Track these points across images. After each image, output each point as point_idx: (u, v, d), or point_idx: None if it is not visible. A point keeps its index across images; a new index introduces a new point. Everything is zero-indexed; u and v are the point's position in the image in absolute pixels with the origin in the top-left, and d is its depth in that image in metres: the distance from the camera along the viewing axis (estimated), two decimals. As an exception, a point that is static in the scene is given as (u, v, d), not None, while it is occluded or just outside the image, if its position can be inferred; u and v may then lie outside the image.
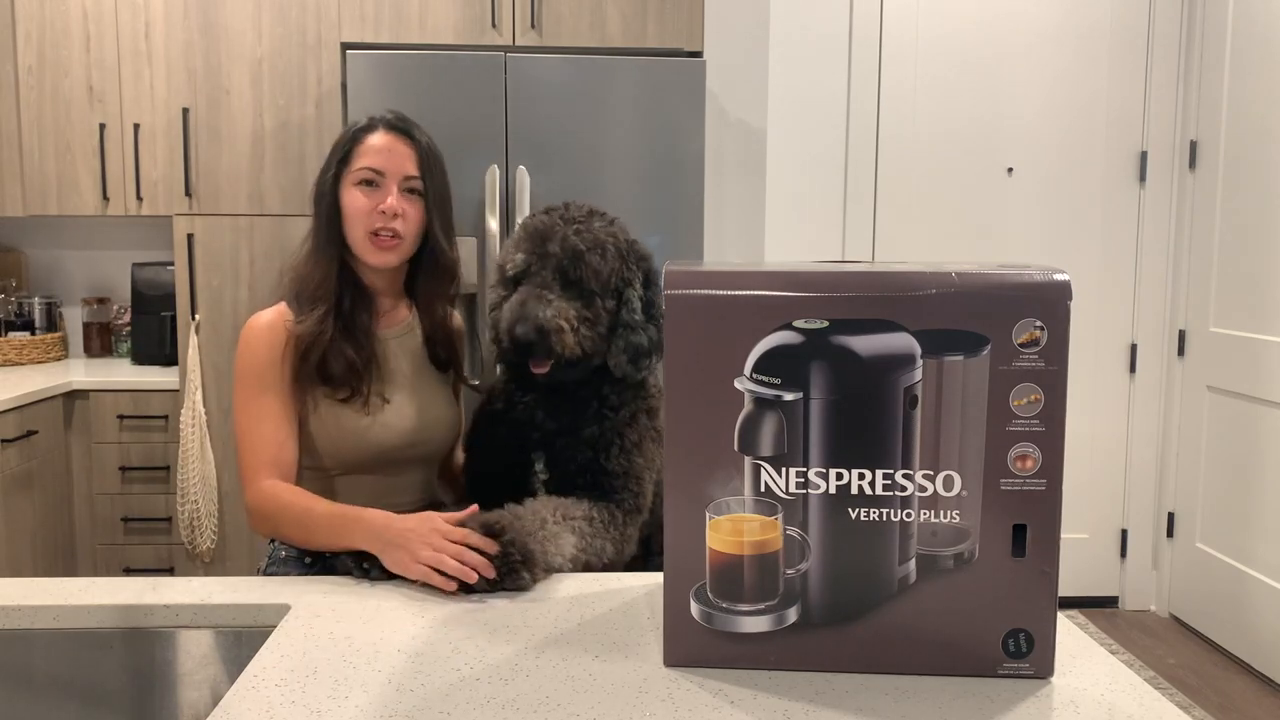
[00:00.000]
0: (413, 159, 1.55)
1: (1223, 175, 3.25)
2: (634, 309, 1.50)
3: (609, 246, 1.48)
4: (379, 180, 1.54)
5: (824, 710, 0.95)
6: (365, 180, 1.53)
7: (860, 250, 3.45)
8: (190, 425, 2.86)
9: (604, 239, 1.48)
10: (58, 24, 3.02)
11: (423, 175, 1.56)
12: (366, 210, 1.53)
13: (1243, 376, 3.12)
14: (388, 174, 1.54)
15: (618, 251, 1.50)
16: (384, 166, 1.54)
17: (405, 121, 1.59)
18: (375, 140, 1.55)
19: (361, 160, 1.54)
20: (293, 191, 2.84)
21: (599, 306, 1.47)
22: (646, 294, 1.53)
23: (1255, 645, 3.06)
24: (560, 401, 1.51)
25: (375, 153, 1.54)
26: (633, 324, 1.49)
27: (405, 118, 1.60)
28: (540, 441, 1.52)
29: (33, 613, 1.20)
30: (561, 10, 2.85)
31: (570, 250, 1.45)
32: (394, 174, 1.54)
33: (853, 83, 3.40)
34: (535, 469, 1.52)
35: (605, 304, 1.48)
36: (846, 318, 0.97)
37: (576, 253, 1.45)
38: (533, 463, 1.52)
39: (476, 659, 1.06)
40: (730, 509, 1.01)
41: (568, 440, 1.50)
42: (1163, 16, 3.41)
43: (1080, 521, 3.56)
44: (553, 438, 1.51)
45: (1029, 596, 1.00)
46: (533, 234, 1.48)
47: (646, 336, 1.50)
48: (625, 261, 1.51)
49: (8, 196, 3.09)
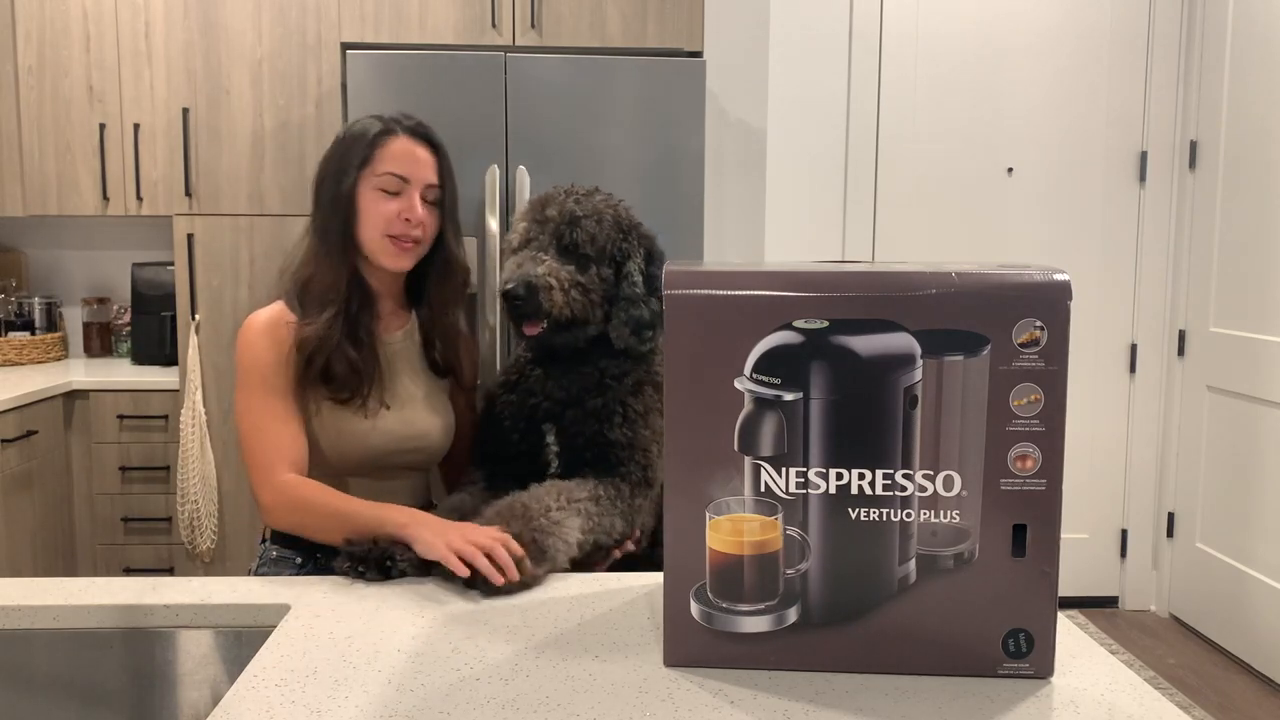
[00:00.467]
0: (433, 167, 1.56)
1: (1223, 175, 3.25)
2: (634, 282, 1.53)
3: (606, 216, 1.54)
4: (403, 188, 1.53)
5: (824, 710, 0.95)
6: (389, 186, 1.53)
7: (860, 250, 3.45)
8: (190, 425, 2.86)
9: (602, 209, 1.54)
10: (58, 24, 3.02)
11: (442, 183, 1.57)
12: (389, 216, 1.52)
13: (1243, 376, 3.12)
14: (411, 181, 1.54)
15: (615, 223, 1.54)
16: (408, 174, 1.53)
17: (424, 127, 1.59)
18: (398, 146, 1.54)
19: (385, 165, 1.53)
20: (293, 191, 2.84)
21: (593, 273, 1.51)
22: (649, 269, 1.56)
23: (1255, 645, 3.06)
24: (566, 371, 1.54)
25: (399, 159, 1.54)
26: (633, 297, 1.53)
27: (423, 123, 1.59)
28: (549, 412, 1.54)
29: (33, 613, 1.20)
30: (561, 10, 2.85)
31: (567, 215, 1.51)
32: (417, 181, 1.54)
33: (853, 83, 3.40)
34: (546, 441, 1.54)
35: (601, 271, 1.52)
36: (846, 318, 0.97)
37: (573, 218, 1.51)
38: (544, 435, 1.54)
39: (476, 659, 1.06)
40: (730, 509, 1.01)
41: (575, 411, 1.52)
42: (1163, 17, 3.41)
43: (1080, 521, 3.56)
44: (561, 409, 1.53)
45: (1029, 596, 1.00)
46: (535, 203, 1.57)
47: (648, 310, 1.52)
48: (625, 235, 1.56)
49: (8, 196, 3.09)
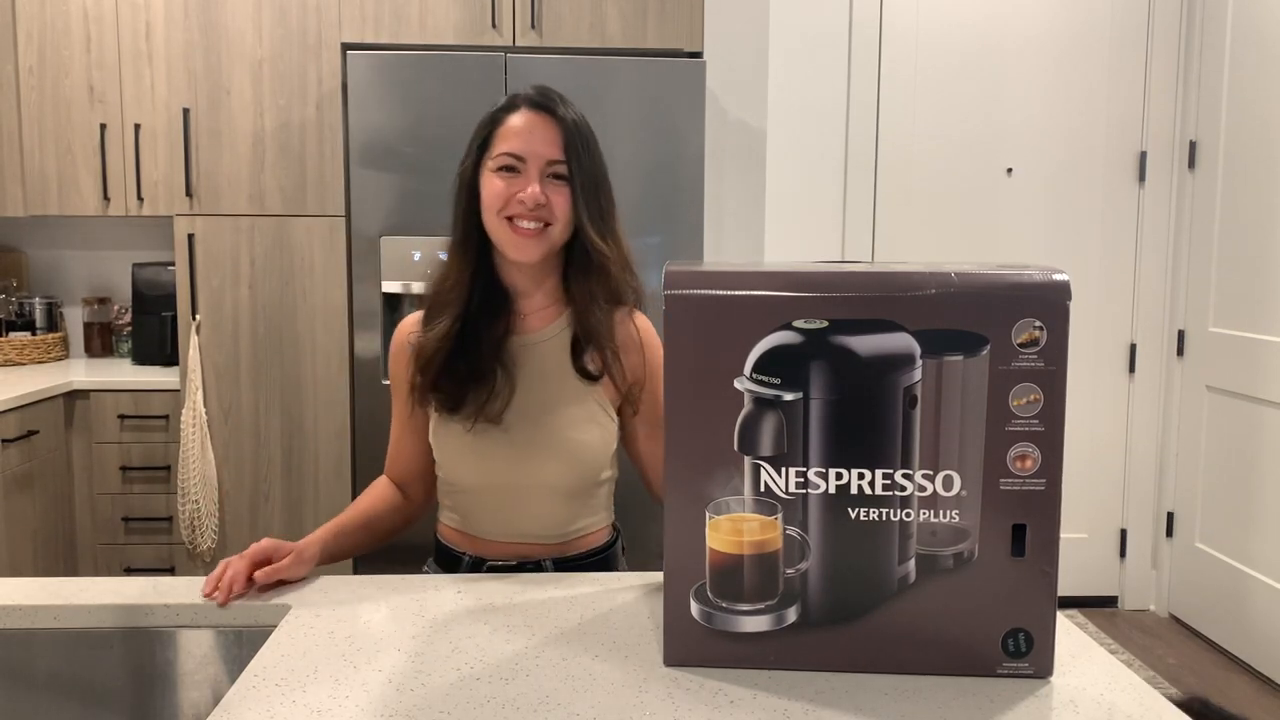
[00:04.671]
0: (557, 141, 1.38)
1: (1222, 175, 3.25)
2: None
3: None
4: (520, 166, 1.37)
5: (824, 710, 0.95)
6: (505, 167, 1.37)
7: (860, 250, 3.45)
8: (191, 425, 2.86)
9: None
10: (58, 24, 3.02)
11: (568, 158, 1.38)
12: (504, 197, 1.36)
13: (1242, 376, 3.12)
14: (529, 159, 1.37)
15: None
16: (524, 151, 1.37)
17: (548, 97, 1.41)
18: (515, 121, 1.39)
19: (501, 145, 1.38)
20: (293, 192, 2.84)
21: None
22: None
23: (1254, 645, 3.06)
24: None
25: (514, 136, 1.38)
26: None
27: (549, 92, 1.42)
28: None
29: (33, 613, 1.21)
30: (561, 10, 2.86)
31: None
32: (536, 158, 1.37)
33: (853, 83, 3.40)
34: None
35: None
36: (846, 318, 0.97)
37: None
38: None
39: (476, 659, 1.06)
40: (730, 509, 1.01)
41: None
42: (1162, 17, 3.41)
43: (1080, 521, 3.56)
44: None
45: (1028, 596, 1.00)
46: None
47: None
48: None
49: (8, 196, 3.09)
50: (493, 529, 1.44)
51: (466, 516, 1.46)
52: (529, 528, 1.43)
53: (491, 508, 1.44)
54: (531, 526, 1.43)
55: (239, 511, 2.92)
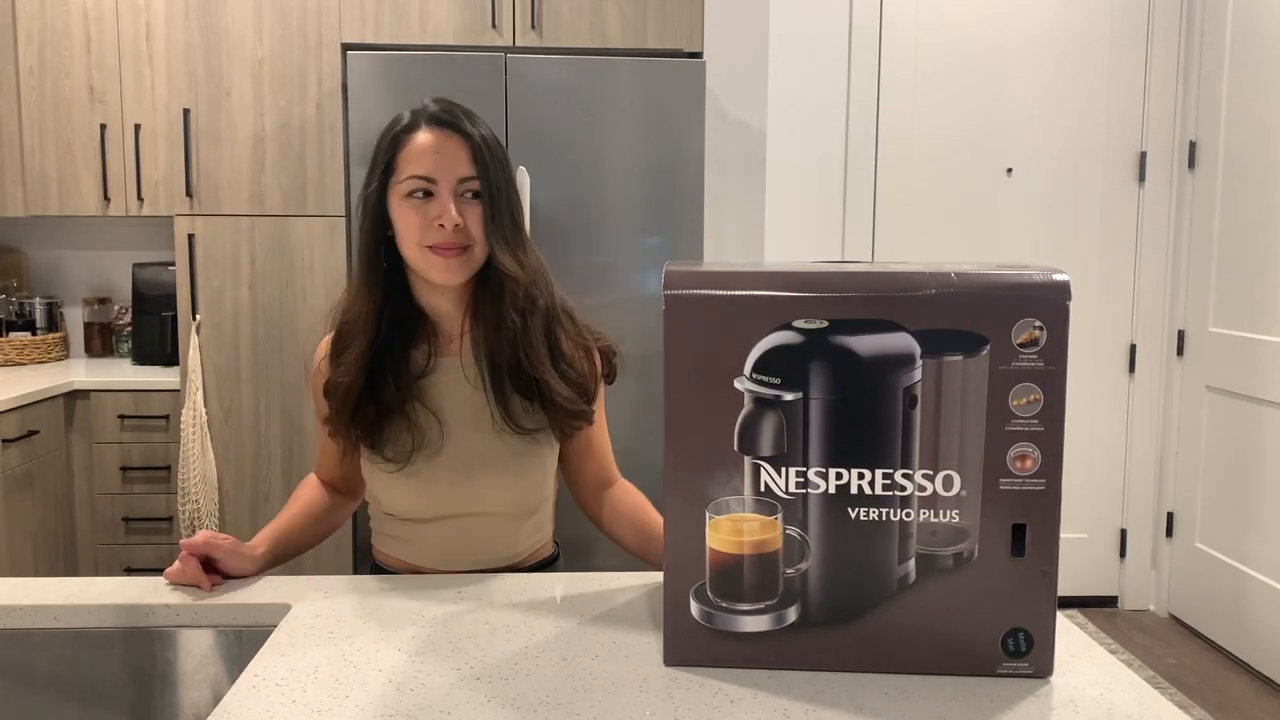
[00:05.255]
0: (466, 157, 1.30)
1: (1222, 175, 3.25)
2: None
3: None
4: (432, 189, 1.29)
5: (824, 710, 0.95)
6: (416, 191, 1.29)
7: (860, 250, 3.45)
8: (191, 425, 2.86)
9: None
10: (59, 25, 3.02)
11: (479, 175, 1.30)
12: (420, 225, 1.28)
13: (1242, 376, 3.12)
14: (439, 180, 1.29)
15: None
16: (433, 172, 1.29)
17: (452, 113, 1.32)
18: (421, 141, 1.30)
19: (408, 168, 1.29)
20: (293, 192, 2.85)
21: None
22: None
23: (1254, 645, 3.06)
24: None
25: (421, 156, 1.29)
26: None
27: (453, 107, 1.34)
28: None
29: (33, 613, 1.21)
30: (561, 11, 2.86)
31: None
32: (446, 178, 1.29)
33: (853, 83, 3.40)
34: None
35: None
36: (846, 318, 0.97)
37: None
38: None
39: (476, 659, 1.06)
40: (730, 509, 1.01)
41: None
42: (1162, 17, 3.41)
43: (1080, 521, 3.56)
44: None
45: (1028, 596, 1.00)
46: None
47: None
48: None
49: (9, 197, 3.09)
50: (439, 560, 1.38)
51: (409, 545, 1.41)
52: (477, 556, 1.38)
53: (436, 537, 1.38)
54: (479, 555, 1.38)
55: (239, 511, 2.92)
